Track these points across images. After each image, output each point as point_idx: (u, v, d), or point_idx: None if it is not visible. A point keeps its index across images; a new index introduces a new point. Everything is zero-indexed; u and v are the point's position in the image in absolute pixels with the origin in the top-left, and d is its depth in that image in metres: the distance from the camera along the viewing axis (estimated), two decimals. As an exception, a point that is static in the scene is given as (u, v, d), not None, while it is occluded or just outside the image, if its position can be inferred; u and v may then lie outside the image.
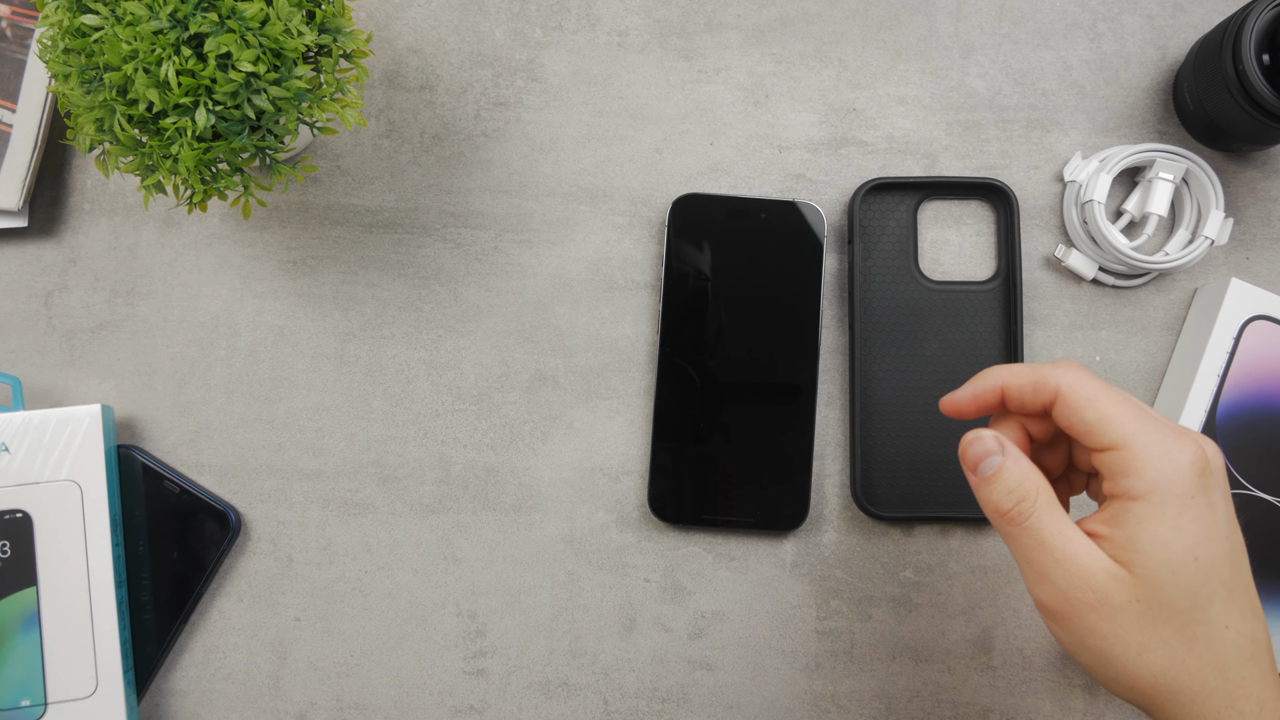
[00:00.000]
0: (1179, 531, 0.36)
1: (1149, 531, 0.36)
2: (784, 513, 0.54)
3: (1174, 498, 0.36)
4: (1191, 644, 0.36)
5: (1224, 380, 0.52)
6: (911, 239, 0.55)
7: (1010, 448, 0.39)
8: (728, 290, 0.54)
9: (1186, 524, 0.36)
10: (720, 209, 0.54)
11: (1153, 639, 0.36)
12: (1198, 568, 0.36)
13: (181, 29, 0.40)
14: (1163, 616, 0.36)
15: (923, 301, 0.55)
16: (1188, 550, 0.36)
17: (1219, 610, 0.37)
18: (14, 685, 0.52)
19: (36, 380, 0.56)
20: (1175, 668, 0.36)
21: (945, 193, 0.56)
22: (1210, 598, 0.36)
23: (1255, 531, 0.51)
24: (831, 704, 0.55)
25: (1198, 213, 0.55)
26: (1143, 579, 0.36)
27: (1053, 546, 0.37)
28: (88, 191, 0.57)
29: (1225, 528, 0.37)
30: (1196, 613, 0.36)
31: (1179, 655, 0.36)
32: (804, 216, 0.54)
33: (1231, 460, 0.52)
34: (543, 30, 0.57)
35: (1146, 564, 0.36)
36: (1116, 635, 0.37)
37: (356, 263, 0.56)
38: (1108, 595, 0.36)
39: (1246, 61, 0.49)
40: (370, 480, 0.56)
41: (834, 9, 0.57)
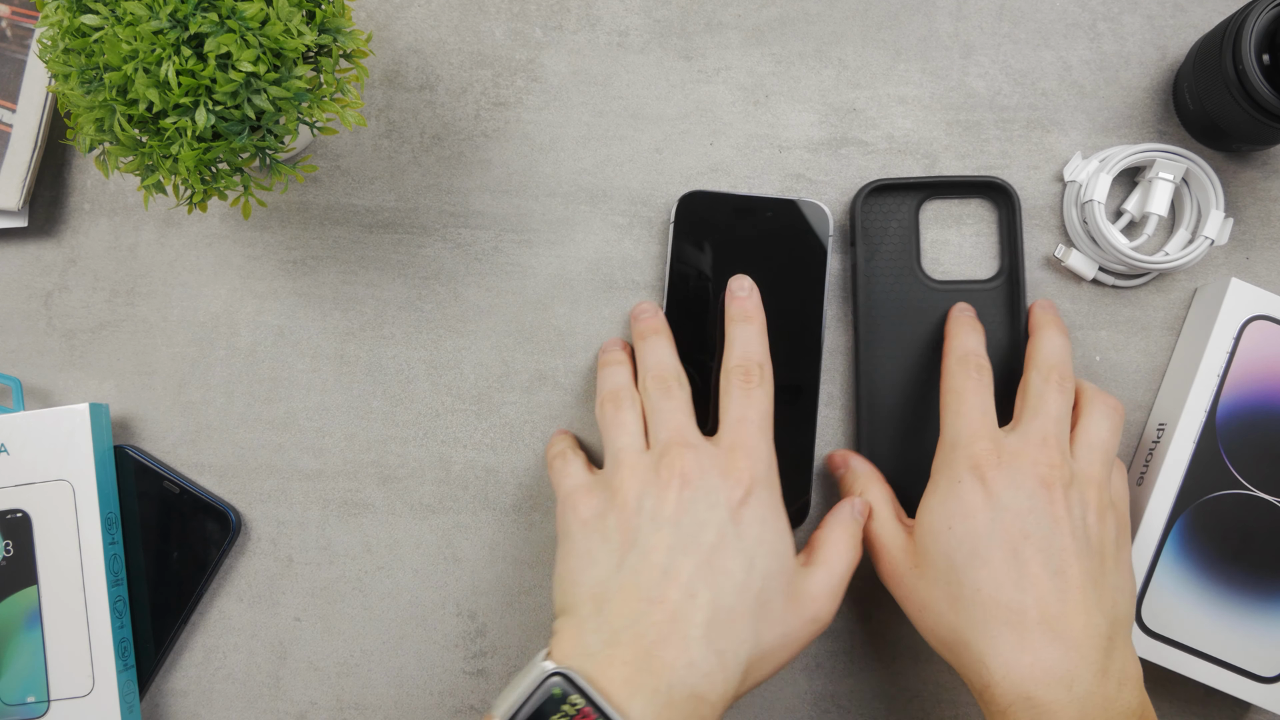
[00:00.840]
0: (942, 505, 0.46)
1: (924, 504, 0.47)
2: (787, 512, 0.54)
3: (945, 479, 0.46)
4: (955, 603, 0.44)
5: (1224, 380, 0.52)
6: (914, 239, 0.55)
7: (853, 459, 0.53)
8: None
9: (949, 501, 0.46)
10: (726, 206, 0.54)
11: (928, 597, 0.45)
12: (951, 536, 0.45)
13: (181, 29, 0.40)
14: (930, 577, 0.45)
15: (926, 302, 0.54)
16: (943, 521, 0.45)
17: (971, 576, 0.44)
18: (19, 682, 0.52)
19: (36, 380, 0.56)
20: (948, 622, 0.44)
21: (946, 192, 0.55)
22: (965, 564, 0.44)
23: (1256, 532, 0.51)
24: (831, 704, 0.55)
25: (1198, 213, 0.55)
26: (917, 545, 0.47)
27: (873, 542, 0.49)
28: (88, 191, 0.57)
29: (995, 511, 0.45)
30: (953, 575, 0.44)
31: (947, 612, 0.45)
32: (807, 216, 0.54)
33: (1232, 460, 0.52)
34: (543, 30, 0.57)
35: (918, 531, 0.47)
36: (908, 596, 0.47)
37: (356, 263, 0.56)
38: (898, 563, 0.47)
39: (1246, 61, 0.49)
40: (370, 480, 0.56)
41: (834, 9, 0.57)
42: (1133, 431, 0.55)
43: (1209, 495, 0.51)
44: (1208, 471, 0.51)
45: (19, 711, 0.52)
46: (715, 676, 0.41)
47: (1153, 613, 0.51)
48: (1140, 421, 0.55)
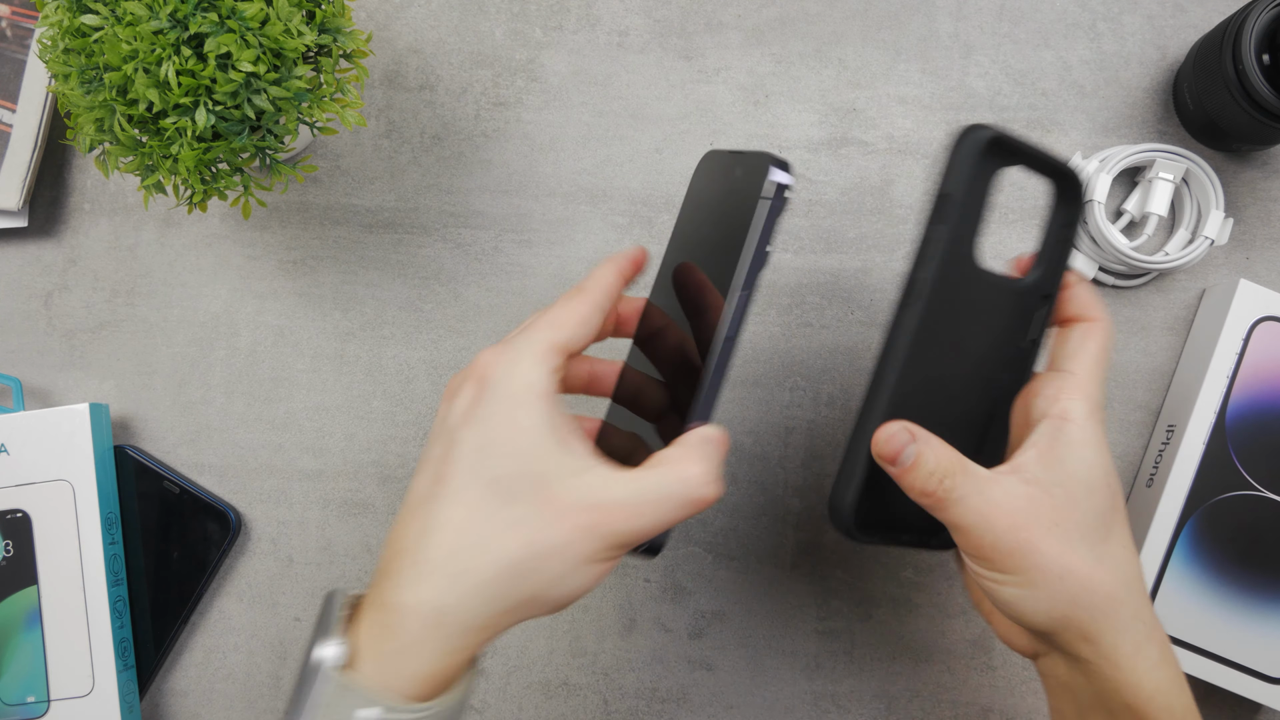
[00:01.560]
0: (1099, 455, 0.40)
1: (1077, 454, 0.39)
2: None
3: (1095, 425, 0.40)
4: (1102, 561, 0.39)
5: (1233, 381, 0.52)
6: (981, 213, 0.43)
7: (921, 433, 0.40)
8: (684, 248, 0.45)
9: (1102, 451, 0.40)
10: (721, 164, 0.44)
11: (1072, 550, 0.39)
12: (1108, 492, 0.40)
13: (181, 29, 0.40)
14: (1078, 535, 0.39)
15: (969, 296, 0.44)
16: (1103, 475, 0.39)
17: (1119, 533, 0.40)
18: (19, 682, 0.52)
19: (36, 380, 0.56)
20: (1094, 577, 0.39)
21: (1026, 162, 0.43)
22: (1113, 521, 0.40)
23: (1267, 533, 0.51)
24: (831, 704, 0.55)
25: (1198, 213, 0.55)
26: (1062, 501, 0.39)
27: (977, 508, 0.39)
28: (88, 191, 0.57)
29: (1107, 446, 0.40)
30: (1104, 532, 0.39)
31: (1095, 565, 0.39)
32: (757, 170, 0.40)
33: (1241, 461, 0.52)
34: (543, 30, 0.57)
35: (1068, 484, 0.39)
36: (1043, 552, 0.38)
37: (356, 263, 0.56)
38: (1036, 518, 0.39)
39: (1246, 61, 0.49)
40: (370, 480, 0.56)
41: (834, 9, 0.57)
42: (1141, 433, 0.55)
43: (1219, 496, 0.51)
44: (1218, 473, 0.51)
45: (19, 711, 0.52)
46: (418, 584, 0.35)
47: (1163, 613, 0.51)
48: (1147, 422, 0.55)
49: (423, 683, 0.34)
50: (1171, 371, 0.55)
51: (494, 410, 0.36)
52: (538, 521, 0.35)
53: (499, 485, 0.35)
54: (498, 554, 0.34)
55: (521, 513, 0.35)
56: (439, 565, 0.35)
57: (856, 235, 0.56)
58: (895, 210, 0.56)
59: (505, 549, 0.35)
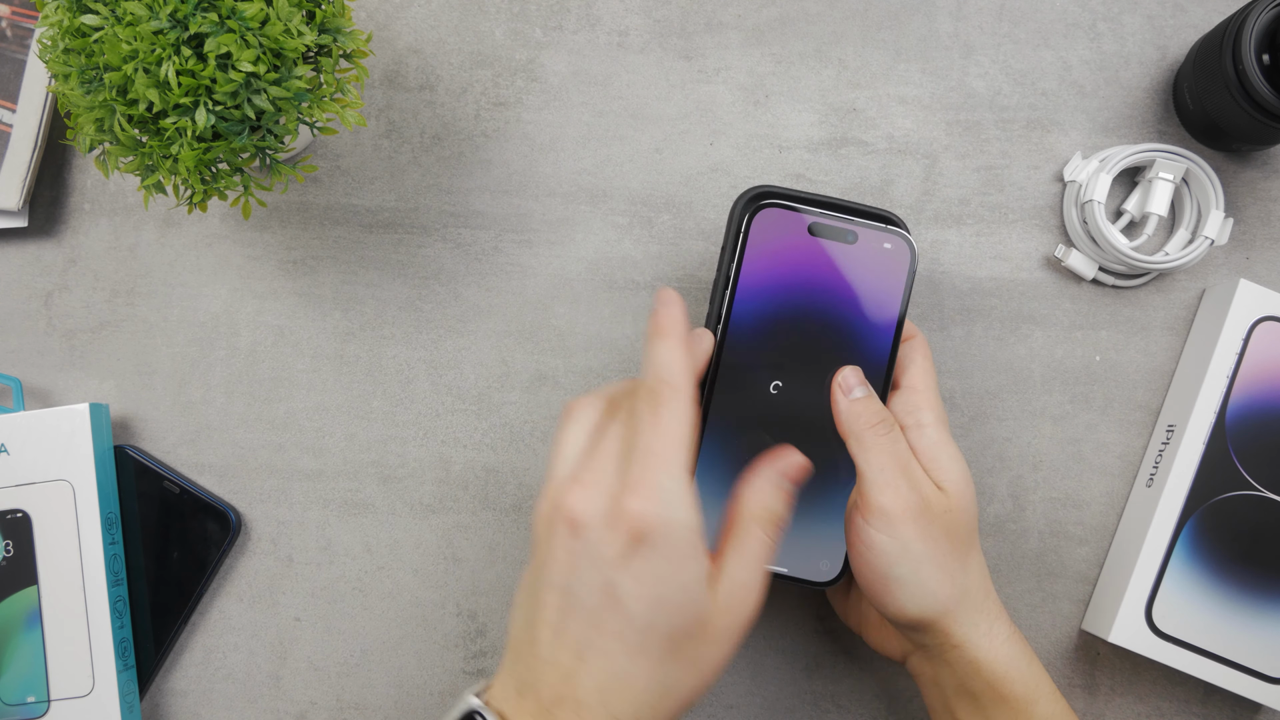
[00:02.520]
0: (957, 453, 0.44)
1: (944, 454, 0.44)
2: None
3: (948, 431, 0.45)
4: (969, 550, 0.44)
5: (1233, 381, 0.52)
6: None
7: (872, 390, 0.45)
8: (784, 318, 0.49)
9: (961, 454, 0.44)
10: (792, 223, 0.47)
11: (952, 547, 0.43)
12: (972, 494, 0.44)
13: (181, 29, 0.40)
14: (959, 528, 0.43)
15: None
16: (966, 470, 0.44)
17: (976, 542, 0.45)
18: (19, 682, 0.52)
19: (36, 380, 0.56)
20: (964, 569, 0.43)
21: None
22: (973, 527, 0.44)
23: (1267, 533, 0.51)
24: (831, 704, 0.55)
25: (1198, 213, 0.55)
26: (950, 494, 0.43)
27: (902, 456, 0.43)
28: (88, 191, 0.57)
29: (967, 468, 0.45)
30: (973, 529, 0.44)
31: (965, 560, 0.44)
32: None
33: (1241, 461, 0.52)
34: (543, 30, 0.57)
35: (951, 481, 0.43)
36: (934, 540, 0.42)
37: (356, 263, 0.56)
38: (931, 504, 0.43)
39: (1246, 61, 0.49)
40: (370, 480, 0.56)
41: (834, 9, 0.57)
42: (1141, 433, 0.55)
43: (1219, 496, 0.51)
44: (1218, 473, 0.51)
45: (19, 711, 0.52)
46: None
47: (1163, 614, 0.51)
48: (1147, 422, 0.55)
49: None
50: (1171, 371, 0.55)
51: (661, 567, 0.36)
52: (697, 658, 0.38)
53: (673, 644, 0.37)
54: (665, 701, 0.37)
55: (690, 656, 0.37)
56: (608, 711, 0.37)
57: (856, 235, 0.56)
58: (895, 210, 0.56)
59: (674, 693, 0.37)
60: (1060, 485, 0.55)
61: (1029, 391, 0.55)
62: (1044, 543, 0.55)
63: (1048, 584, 0.55)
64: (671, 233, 0.56)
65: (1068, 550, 0.55)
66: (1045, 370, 0.55)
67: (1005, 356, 0.56)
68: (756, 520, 0.39)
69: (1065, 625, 0.55)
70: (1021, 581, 0.55)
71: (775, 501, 0.40)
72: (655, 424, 0.37)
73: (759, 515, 0.39)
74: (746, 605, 0.38)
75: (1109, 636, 0.51)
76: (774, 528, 0.39)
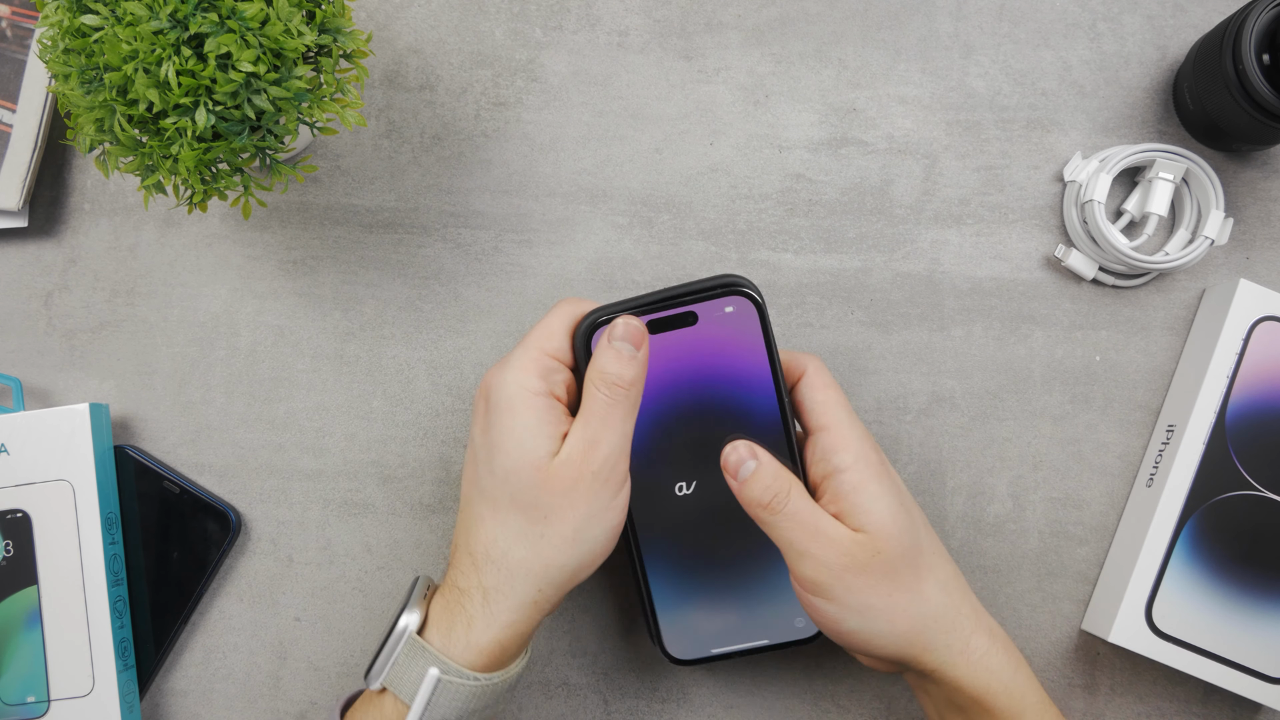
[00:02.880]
0: (884, 488, 0.44)
1: (865, 495, 0.44)
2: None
3: (871, 465, 0.44)
4: (920, 576, 0.44)
5: (1233, 381, 0.52)
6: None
7: (761, 452, 0.45)
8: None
9: (887, 486, 0.44)
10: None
11: (896, 583, 0.43)
12: (906, 517, 0.44)
13: (181, 29, 0.40)
14: (897, 561, 0.43)
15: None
16: (896, 502, 0.44)
17: (928, 546, 0.45)
18: (19, 682, 0.52)
19: (36, 380, 0.56)
20: (918, 598, 0.44)
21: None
22: (919, 538, 0.44)
23: (1267, 533, 0.51)
24: (831, 704, 0.55)
25: (1198, 213, 0.55)
26: (875, 535, 0.43)
27: (809, 524, 0.43)
28: (88, 191, 0.57)
29: (908, 493, 0.46)
30: (918, 556, 0.44)
31: (916, 588, 0.44)
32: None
33: (1241, 461, 0.52)
34: (543, 30, 0.57)
35: (873, 522, 0.43)
36: (871, 587, 0.43)
37: (356, 263, 0.56)
38: (855, 555, 0.43)
39: (1246, 61, 0.49)
40: (370, 480, 0.56)
41: (834, 9, 0.57)
42: (1141, 433, 0.55)
43: (1219, 496, 0.51)
44: (1218, 473, 0.51)
45: (19, 711, 0.52)
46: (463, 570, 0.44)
47: (1163, 614, 0.51)
48: (1147, 422, 0.55)
49: (478, 653, 0.42)
50: (1171, 371, 0.55)
51: (495, 420, 0.43)
52: (546, 508, 0.43)
53: (516, 498, 0.43)
54: (522, 548, 0.43)
55: (528, 503, 0.43)
56: (484, 559, 0.43)
57: (856, 235, 0.56)
58: (895, 210, 0.56)
59: (527, 541, 0.43)
60: (1060, 485, 0.55)
61: (1029, 391, 0.55)
62: (1044, 543, 0.55)
63: (1048, 584, 0.55)
64: (671, 233, 0.56)
65: (1068, 550, 0.55)
66: (1045, 370, 0.55)
67: (1005, 356, 0.56)
68: (594, 383, 0.43)
69: (1065, 625, 0.55)
70: (1021, 581, 0.55)
71: (609, 364, 0.43)
72: (538, 322, 0.45)
73: (595, 378, 0.43)
74: (590, 458, 0.42)
75: (1109, 636, 0.51)
76: (612, 387, 0.43)
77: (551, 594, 0.43)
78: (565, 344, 0.45)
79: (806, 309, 0.56)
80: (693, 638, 0.49)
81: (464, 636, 0.43)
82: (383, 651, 0.43)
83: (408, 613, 0.44)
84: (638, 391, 0.44)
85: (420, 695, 0.42)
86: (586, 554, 0.44)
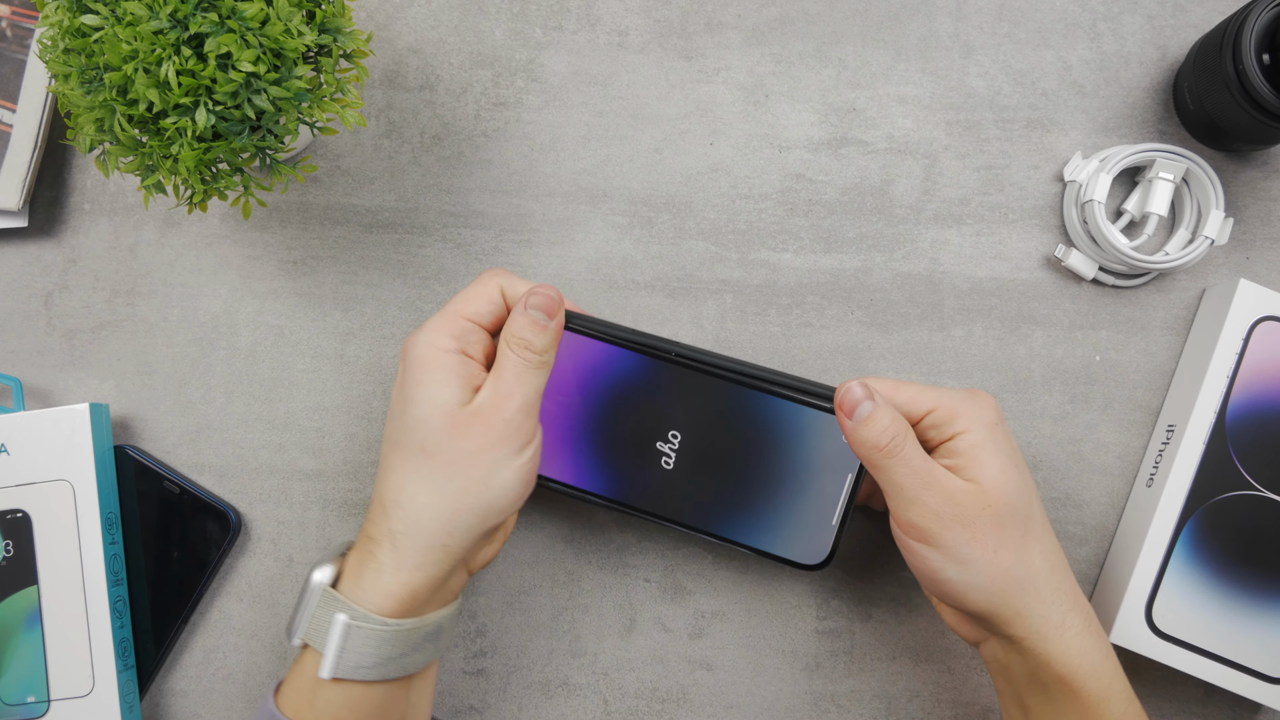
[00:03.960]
0: (1000, 449, 0.44)
1: (982, 451, 0.44)
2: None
3: (988, 425, 0.45)
4: (1026, 539, 0.44)
5: (1233, 381, 0.52)
6: None
7: (878, 395, 0.46)
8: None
9: (1004, 445, 0.45)
10: None
11: (1002, 539, 0.43)
12: (1020, 478, 0.44)
13: (181, 29, 0.40)
14: (1006, 518, 0.44)
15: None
16: (1010, 463, 0.44)
17: (1038, 514, 0.45)
18: (19, 682, 0.52)
19: (36, 380, 0.56)
20: (1021, 561, 0.44)
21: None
22: (1031, 504, 0.45)
23: (1267, 533, 0.51)
24: (831, 704, 0.55)
25: (1198, 213, 0.55)
26: (987, 488, 0.43)
27: (921, 471, 0.44)
28: (88, 191, 0.57)
29: (1024, 462, 0.46)
30: (1027, 514, 0.44)
31: (1021, 550, 0.44)
32: None
33: (1241, 461, 0.52)
34: (543, 30, 0.57)
35: (986, 476, 0.44)
36: (977, 539, 0.43)
37: (356, 263, 0.56)
38: (966, 507, 0.43)
39: (1246, 61, 0.49)
40: (370, 480, 0.56)
41: (834, 9, 0.57)
42: (1141, 433, 0.55)
43: (1219, 496, 0.51)
44: (1218, 472, 0.51)
45: (19, 711, 0.52)
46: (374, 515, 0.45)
47: (1163, 613, 0.51)
48: (1147, 422, 0.55)
49: (387, 597, 0.43)
50: (1171, 371, 0.55)
51: (408, 375, 0.45)
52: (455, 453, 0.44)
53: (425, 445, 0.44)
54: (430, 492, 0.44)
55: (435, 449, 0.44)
56: (392, 505, 0.44)
57: (856, 235, 0.56)
58: (895, 210, 0.56)
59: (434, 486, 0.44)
60: (1060, 485, 0.55)
61: (1029, 391, 0.55)
62: (1044, 543, 0.55)
63: (1048, 584, 0.55)
64: (671, 233, 0.56)
65: (1068, 550, 0.55)
66: (1045, 370, 0.55)
67: (1005, 356, 0.56)
68: (508, 344, 0.45)
69: (1065, 625, 0.55)
70: (1021, 581, 0.55)
71: (522, 329, 0.45)
72: (462, 290, 0.47)
73: (509, 339, 0.45)
74: (503, 407, 0.44)
75: (1109, 636, 0.51)
76: (524, 353, 0.45)
77: (462, 538, 0.44)
78: (485, 309, 0.46)
79: (806, 309, 0.56)
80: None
81: (373, 582, 0.43)
82: (299, 608, 0.44)
83: (319, 568, 0.45)
84: (549, 359, 0.46)
85: (331, 642, 0.42)
86: (495, 499, 0.44)
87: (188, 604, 0.54)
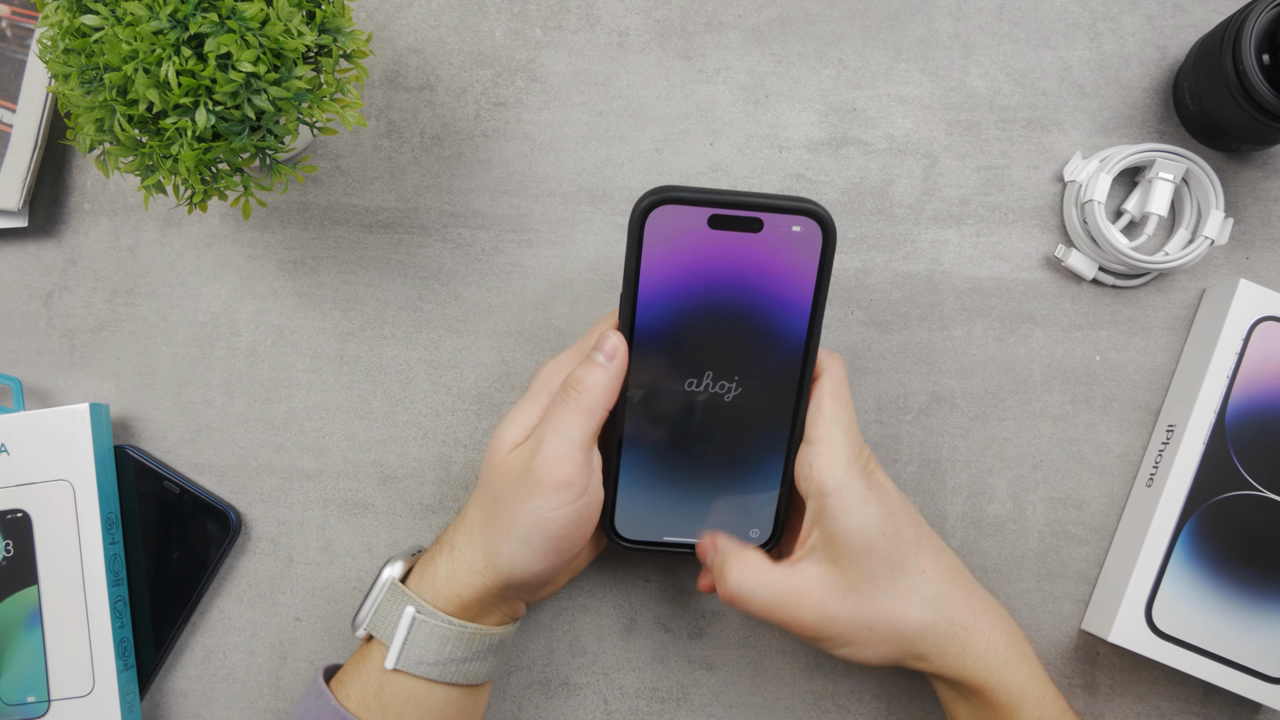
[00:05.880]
0: (864, 514, 0.44)
1: (842, 527, 0.44)
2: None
3: (854, 484, 0.44)
4: (905, 594, 0.45)
5: (1233, 381, 0.52)
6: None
7: (721, 544, 0.47)
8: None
9: (866, 507, 0.44)
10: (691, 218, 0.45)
11: (875, 614, 0.45)
12: (887, 542, 0.44)
13: (181, 29, 0.40)
14: (874, 586, 0.44)
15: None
16: (875, 530, 0.44)
17: (912, 562, 0.45)
18: (19, 682, 0.52)
19: (36, 380, 0.56)
20: (903, 625, 0.45)
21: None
22: (903, 557, 0.45)
23: (1267, 533, 0.51)
24: (831, 704, 0.55)
25: (1198, 213, 0.55)
26: (846, 568, 0.44)
27: (770, 605, 0.45)
28: (88, 191, 0.57)
29: (898, 499, 0.46)
30: (896, 573, 0.45)
31: (900, 614, 0.45)
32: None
33: (1241, 461, 0.52)
34: (543, 30, 0.57)
35: (848, 555, 0.44)
36: (850, 623, 0.45)
37: (356, 263, 0.56)
38: (833, 605, 0.44)
39: (1246, 61, 0.49)
40: (370, 480, 0.56)
41: (834, 9, 0.57)
42: (1140, 433, 0.55)
43: (1219, 496, 0.51)
44: (1218, 472, 0.51)
45: (19, 711, 0.52)
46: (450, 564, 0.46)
47: (1163, 613, 0.51)
48: (1147, 422, 0.55)
49: (444, 600, 0.45)
50: (1171, 371, 0.55)
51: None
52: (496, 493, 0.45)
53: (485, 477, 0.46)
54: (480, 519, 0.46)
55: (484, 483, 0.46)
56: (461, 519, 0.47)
57: (856, 235, 0.56)
58: (895, 210, 0.56)
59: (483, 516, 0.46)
60: (1060, 485, 0.55)
61: (1029, 391, 0.55)
62: (1044, 543, 0.55)
63: (1048, 584, 0.55)
64: (671, 233, 0.56)
65: (1068, 550, 0.55)
66: (1045, 370, 0.55)
67: (1005, 356, 0.56)
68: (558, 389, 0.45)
69: (1065, 625, 0.55)
70: (1021, 581, 0.55)
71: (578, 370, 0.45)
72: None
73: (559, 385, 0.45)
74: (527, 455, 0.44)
75: (1109, 636, 0.51)
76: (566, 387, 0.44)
77: (494, 578, 0.45)
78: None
79: (806, 309, 0.56)
80: (646, 522, 0.49)
81: (431, 584, 0.46)
82: (367, 600, 0.46)
83: (390, 564, 0.47)
84: (592, 398, 0.44)
85: (399, 633, 0.44)
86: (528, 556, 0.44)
87: (188, 604, 0.54)
